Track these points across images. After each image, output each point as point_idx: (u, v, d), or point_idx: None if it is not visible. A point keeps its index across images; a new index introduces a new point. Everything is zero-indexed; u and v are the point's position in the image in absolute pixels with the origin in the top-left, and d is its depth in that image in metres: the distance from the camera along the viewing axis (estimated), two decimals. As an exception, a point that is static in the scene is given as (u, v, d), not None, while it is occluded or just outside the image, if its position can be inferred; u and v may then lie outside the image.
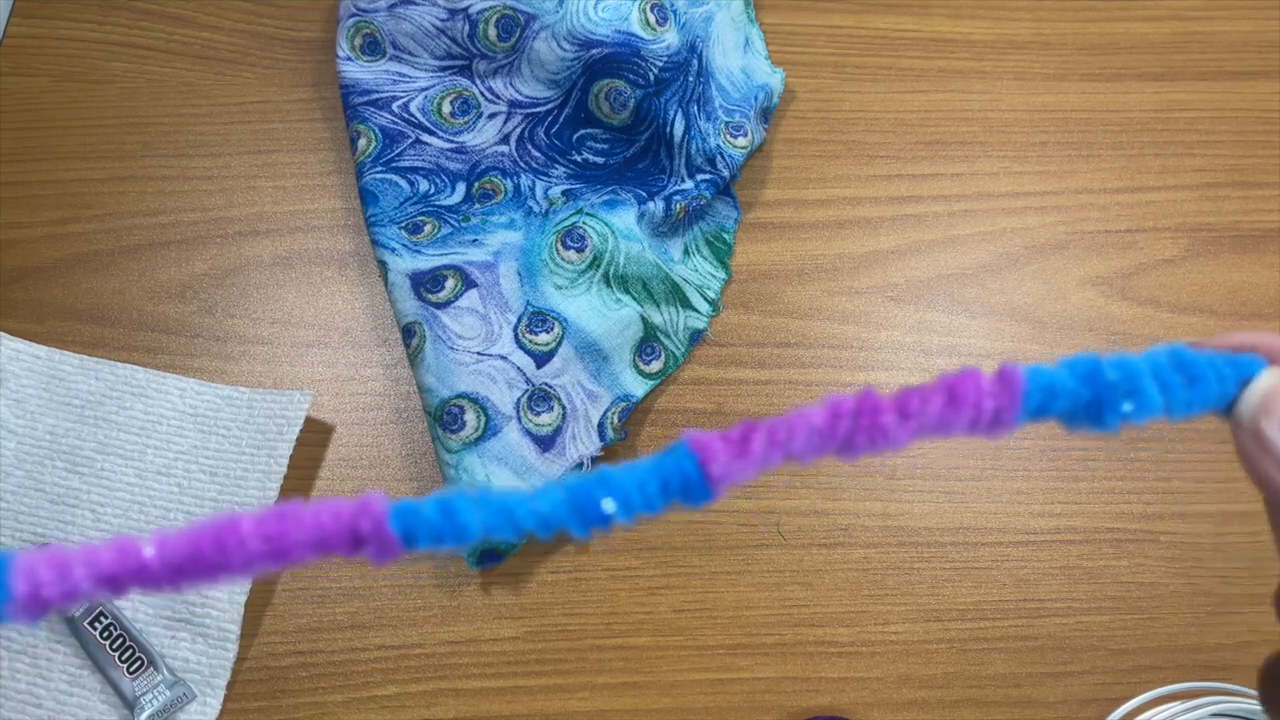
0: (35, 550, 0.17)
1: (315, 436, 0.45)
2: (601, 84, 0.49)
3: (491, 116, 0.50)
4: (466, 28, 0.49)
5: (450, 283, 0.45)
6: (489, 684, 0.42)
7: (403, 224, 0.47)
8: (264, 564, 0.17)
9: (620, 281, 0.46)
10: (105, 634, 0.40)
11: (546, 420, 0.43)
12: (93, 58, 0.53)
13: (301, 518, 0.17)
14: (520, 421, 0.43)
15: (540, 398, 0.43)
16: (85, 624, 0.40)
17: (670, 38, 0.48)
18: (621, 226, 0.46)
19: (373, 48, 0.50)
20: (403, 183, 0.48)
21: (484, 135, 0.50)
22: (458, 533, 0.17)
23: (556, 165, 0.50)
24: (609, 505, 0.17)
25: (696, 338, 0.48)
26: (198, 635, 0.41)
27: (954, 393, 0.18)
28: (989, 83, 0.54)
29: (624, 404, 0.45)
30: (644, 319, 0.46)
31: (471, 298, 0.45)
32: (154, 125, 0.52)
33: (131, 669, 0.39)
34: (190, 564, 0.17)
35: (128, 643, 0.40)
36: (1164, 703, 0.41)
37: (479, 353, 0.43)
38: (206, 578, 0.17)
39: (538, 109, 0.50)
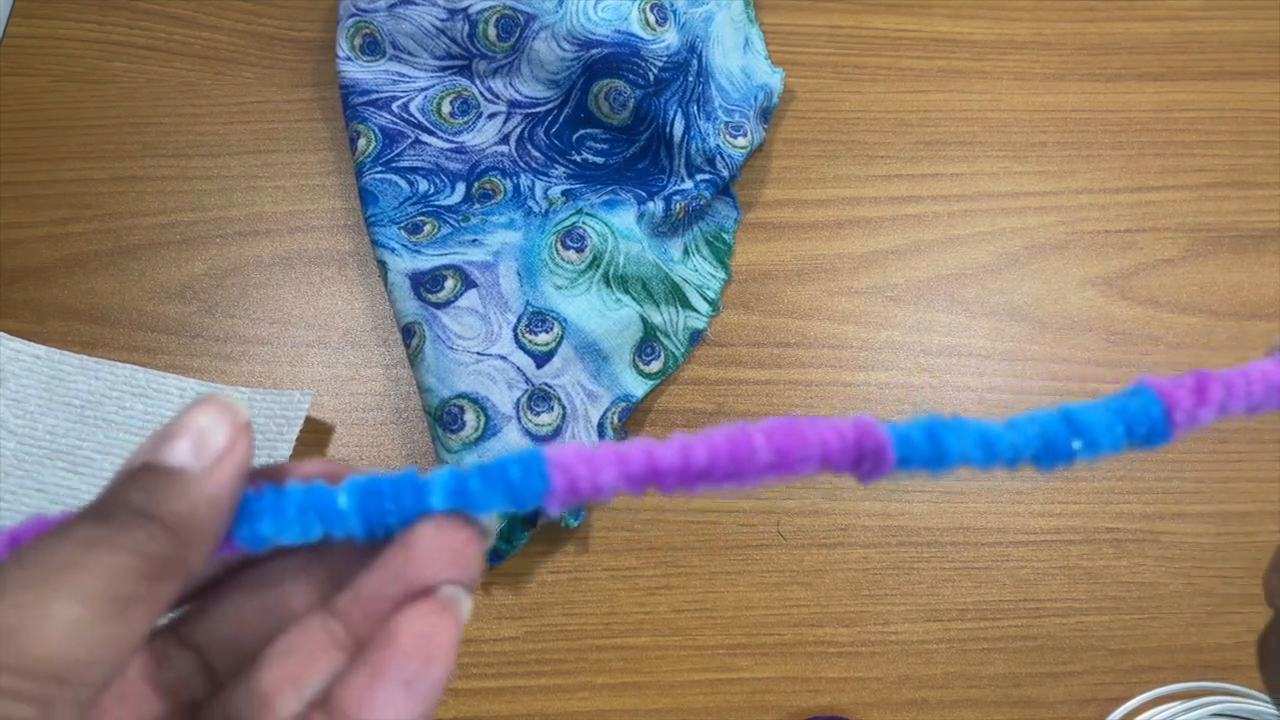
0: (566, 447, 0.18)
1: (315, 436, 0.45)
2: (601, 84, 0.49)
3: (491, 116, 0.50)
4: (466, 28, 0.49)
5: (450, 283, 0.45)
6: (489, 684, 0.42)
7: (402, 224, 0.47)
8: (770, 474, 0.18)
9: (620, 281, 0.46)
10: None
11: (546, 420, 0.43)
12: (93, 58, 0.53)
13: (808, 433, 0.18)
14: (520, 421, 0.43)
15: (540, 398, 0.43)
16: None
17: (670, 38, 0.48)
18: (621, 226, 0.46)
19: (372, 48, 0.50)
20: (402, 183, 0.48)
21: (484, 135, 0.50)
22: (941, 458, 0.18)
23: (556, 165, 0.50)
24: (1076, 444, 0.18)
25: (696, 338, 0.48)
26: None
27: None
28: (989, 83, 0.54)
29: (624, 404, 0.45)
30: (644, 319, 0.46)
31: (471, 298, 0.45)
32: (154, 125, 0.52)
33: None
34: (706, 469, 0.18)
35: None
36: (1164, 703, 0.41)
37: (479, 353, 0.43)
38: (717, 482, 0.18)
39: (537, 109, 0.50)
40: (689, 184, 0.48)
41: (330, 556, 0.19)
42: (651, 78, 0.48)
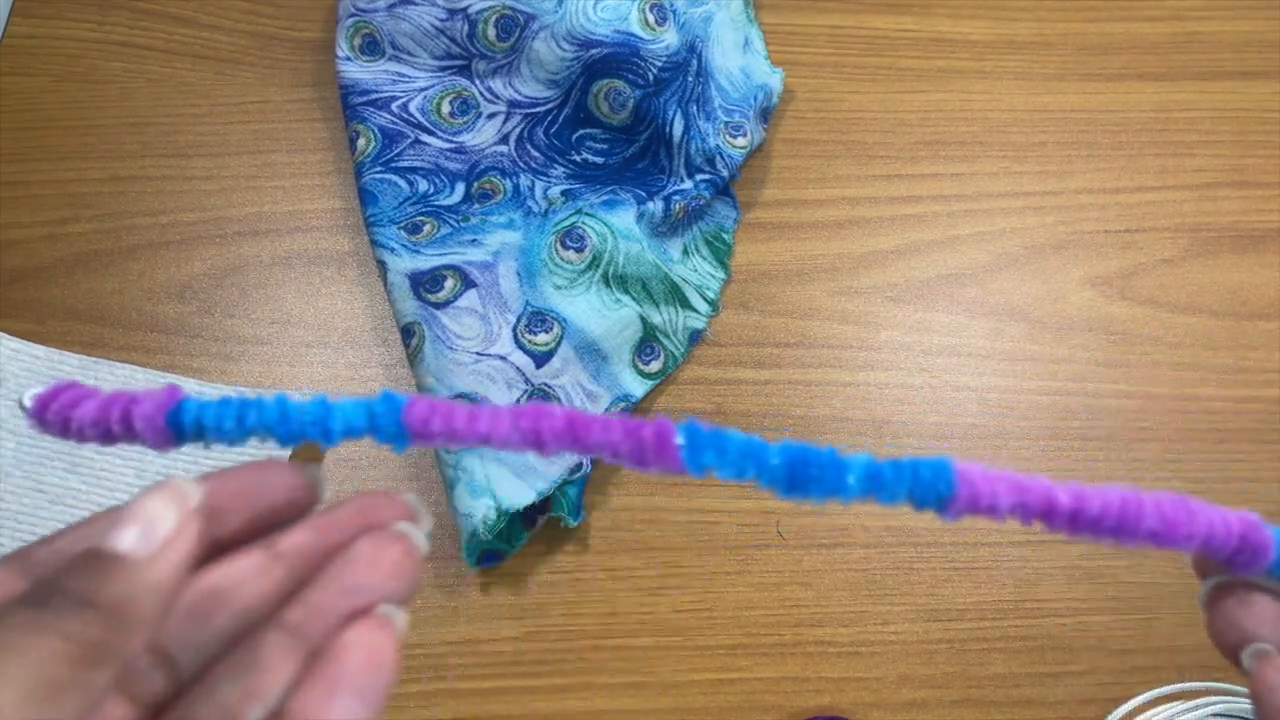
0: (972, 464, 0.19)
1: (315, 436, 0.45)
2: (601, 84, 0.49)
3: (491, 116, 0.50)
4: (466, 28, 0.49)
5: (449, 283, 0.45)
6: (489, 684, 0.42)
7: (402, 224, 0.47)
8: (1150, 540, 0.19)
9: (620, 281, 0.46)
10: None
11: (546, 420, 0.43)
12: (93, 58, 0.53)
13: (1197, 514, 0.19)
14: (520, 421, 0.43)
15: (539, 398, 0.43)
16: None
17: (669, 38, 0.48)
18: (621, 226, 0.46)
19: (372, 48, 0.50)
20: (402, 183, 0.48)
21: (483, 135, 0.50)
22: None
23: (556, 165, 0.50)
24: None
25: (696, 338, 0.48)
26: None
27: None
28: (989, 83, 0.54)
29: (623, 404, 0.45)
30: (643, 319, 0.46)
31: (471, 298, 0.45)
32: (153, 125, 0.52)
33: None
34: (1095, 520, 0.19)
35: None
36: (1164, 703, 0.41)
37: (478, 353, 0.43)
38: (1100, 534, 0.19)
39: (537, 109, 0.50)
40: (689, 184, 0.48)
41: (288, 558, 0.20)
42: (651, 78, 0.48)
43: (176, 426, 0.20)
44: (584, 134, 0.50)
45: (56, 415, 0.20)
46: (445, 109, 0.50)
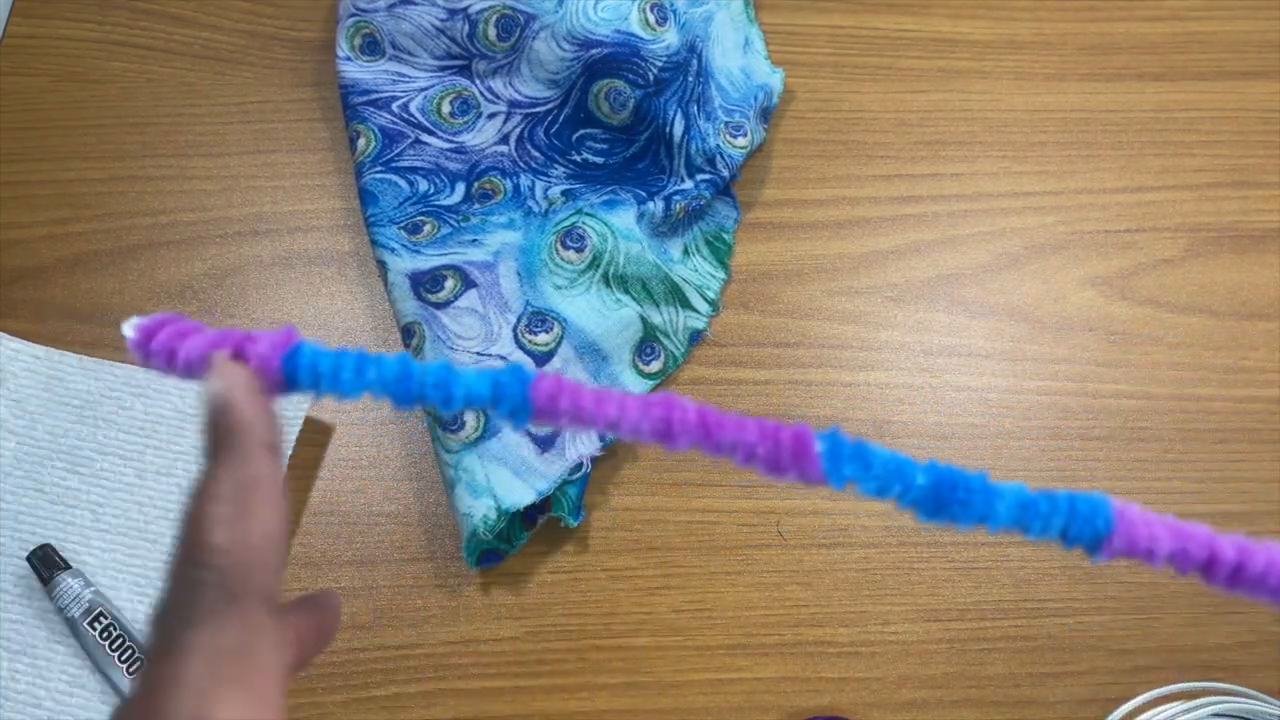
0: (1131, 505, 0.19)
1: (315, 436, 0.45)
2: (601, 84, 0.49)
3: (491, 116, 0.50)
4: (466, 28, 0.49)
5: (450, 283, 0.45)
6: (489, 684, 0.42)
7: (402, 224, 0.47)
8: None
9: (620, 281, 0.46)
10: (105, 634, 0.40)
11: (546, 420, 0.43)
12: (92, 58, 0.53)
13: None
14: (520, 421, 0.43)
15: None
16: (85, 624, 0.40)
17: (670, 38, 0.48)
18: (621, 226, 0.46)
19: (372, 48, 0.50)
20: (402, 183, 0.48)
21: (483, 135, 0.50)
22: None
23: (556, 165, 0.50)
24: None
25: (696, 338, 0.48)
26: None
27: None
28: (989, 83, 0.54)
29: (624, 404, 0.45)
30: (643, 319, 0.46)
31: (471, 298, 0.45)
32: (153, 125, 0.52)
33: (131, 669, 0.39)
34: (1258, 577, 0.18)
35: (127, 643, 0.40)
36: (1164, 703, 0.41)
37: (478, 353, 0.43)
38: (1258, 591, 0.18)
39: (537, 109, 0.50)
40: (689, 184, 0.48)
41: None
42: (651, 78, 0.48)
43: (291, 371, 0.19)
44: (584, 134, 0.50)
45: (162, 346, 0.19)
46: (445, 109, 0.50)
